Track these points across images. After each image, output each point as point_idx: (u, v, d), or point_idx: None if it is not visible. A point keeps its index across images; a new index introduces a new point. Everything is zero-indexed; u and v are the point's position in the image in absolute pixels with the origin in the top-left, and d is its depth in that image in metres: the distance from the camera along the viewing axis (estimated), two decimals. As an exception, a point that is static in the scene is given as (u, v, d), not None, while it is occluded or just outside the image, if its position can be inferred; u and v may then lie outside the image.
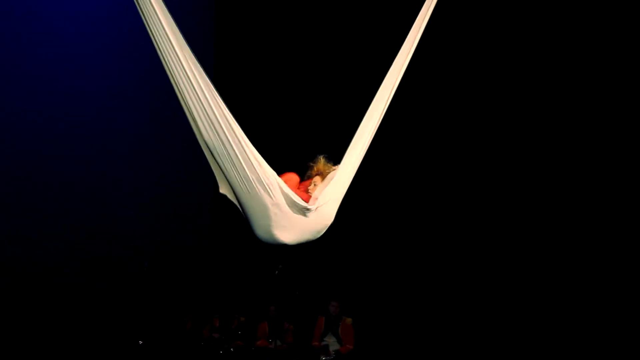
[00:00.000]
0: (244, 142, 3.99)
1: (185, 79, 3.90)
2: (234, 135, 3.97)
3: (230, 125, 3.96)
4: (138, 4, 3.84)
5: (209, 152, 4.10)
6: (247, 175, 4.02)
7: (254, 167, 4.00)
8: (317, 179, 4.34)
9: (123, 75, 10.56)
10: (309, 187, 4.31)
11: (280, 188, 4.07)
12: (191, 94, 3.93)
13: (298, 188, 4.31)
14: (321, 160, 4.43)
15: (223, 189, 4.24)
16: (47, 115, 10.05)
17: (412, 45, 4.52)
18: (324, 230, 4.32)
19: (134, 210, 10.50)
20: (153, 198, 10.71)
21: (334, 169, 4.38)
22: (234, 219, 9.36)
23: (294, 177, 4.34)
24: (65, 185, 10.11)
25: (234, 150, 3.98)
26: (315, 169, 4.42)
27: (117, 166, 10.47)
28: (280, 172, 4.18)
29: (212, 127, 3.96)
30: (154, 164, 10.75)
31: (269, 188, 4.04)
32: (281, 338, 9.49)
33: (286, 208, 4.09)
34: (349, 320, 9.42)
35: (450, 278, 9.55)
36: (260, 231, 4.17)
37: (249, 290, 10.49)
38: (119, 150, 10.50)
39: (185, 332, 9.81)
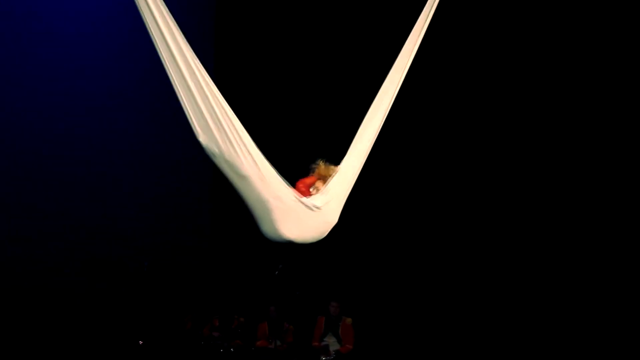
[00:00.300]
0: (243, 134, 4.00)
1: (183, 76, 3.91)
2: (231, 126, 3.97)
3: (229, 117, 3.98)
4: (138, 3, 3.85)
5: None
6: (247, 171, 4.02)
7: (254, 160, 4.00)
8: (318, 183, 4.33)
9: (123, 75, 10.55)
10: (310, 190, 4.30)
11: (282, 182, 4.08)
12: (188, 91, 3.94)
13: (302, 182, 4.31)
14: (321, 164, 4.41)
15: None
16: (47, 115, 10.03)
17: (415, 44, 4.52)
18: (328, 230, 4.31)
19: (134, 210, 10.49)
20: (153, 198, 10.70)
21: (335, 170, 4.38)
22: (234, 219, 9.35)
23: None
24: (65, 185, 10.10)
25: (231, 142, 3.98)
26: (316, 172, 4.40)
27: (117, 166, 10.46)
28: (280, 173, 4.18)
29: (206, 120, 3.96)
30: (154, 164, 10.74)
31: (269, 181, 4.04)
32: (281, 338, 9.49)
33: (288, 199, 4.08)
34: (349, 320, 9.42)
35: (450, 278, 9.55)
36: (265, 227, 4.15)
37: (249, 290, 10.49)
38: (119, 150, 10.48)
39: (186, 332, 9.80)
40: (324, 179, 4.33)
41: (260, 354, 9.38)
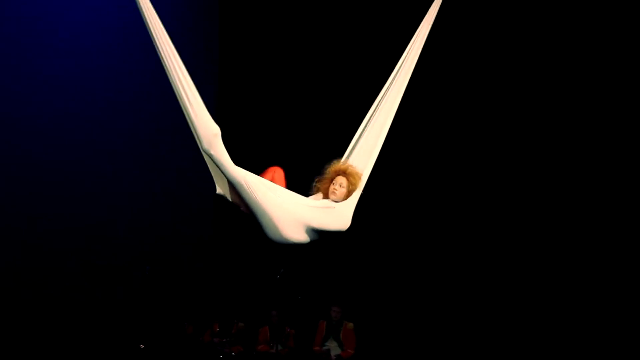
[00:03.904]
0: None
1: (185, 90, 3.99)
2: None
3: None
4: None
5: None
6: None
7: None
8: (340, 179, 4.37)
9: (126, 78, 10.53)
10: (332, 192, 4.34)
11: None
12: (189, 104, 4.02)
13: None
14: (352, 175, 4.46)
15: (220, 189, 4.34)
16: (48, 116, 10.01)
17: (418, 47, 4.53)
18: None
19: (135, 215, 10.48)
20: (154, 203, 10.69)
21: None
22: (235, 223, 9.34)
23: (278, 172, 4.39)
24: (66, 189, 10.06)
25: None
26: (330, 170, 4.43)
27: (120, 170, 10.44)
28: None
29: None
30: (156, 169, 10.74)
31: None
32: (282, 343, 9.49)
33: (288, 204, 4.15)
34: (350, 325, 9.42)
35: (452, 283, 9.54)
36: (268, 231, 4.22)
37: (251, 294, 10.49)
38: (122, 154, 10.47)
39: (186, 337, 9.80)
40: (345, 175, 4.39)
41: (261, 359, 9.38)
